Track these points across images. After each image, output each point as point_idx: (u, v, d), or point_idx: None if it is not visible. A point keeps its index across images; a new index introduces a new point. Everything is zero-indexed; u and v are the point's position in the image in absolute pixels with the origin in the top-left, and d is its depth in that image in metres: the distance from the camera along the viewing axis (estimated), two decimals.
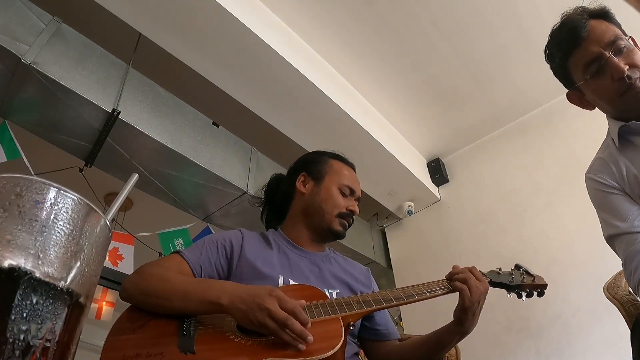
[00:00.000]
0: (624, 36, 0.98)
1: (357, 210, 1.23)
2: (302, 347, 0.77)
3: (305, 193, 1.23)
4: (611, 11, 1.01)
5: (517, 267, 1.12)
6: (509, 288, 1.06)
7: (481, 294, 0.96)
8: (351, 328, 0.90)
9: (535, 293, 1.07)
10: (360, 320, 1.12)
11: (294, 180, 1.27)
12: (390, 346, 1.12)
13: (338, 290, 1.11)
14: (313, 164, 1.28)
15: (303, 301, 0.84)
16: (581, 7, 1.03)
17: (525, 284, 1.06)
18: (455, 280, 0.98)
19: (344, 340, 0.81)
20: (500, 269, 1.10)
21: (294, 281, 1.08)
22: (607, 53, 0.95)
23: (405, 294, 0.97)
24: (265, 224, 1.36)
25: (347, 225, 1.21)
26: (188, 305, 0.87)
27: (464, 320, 0.97)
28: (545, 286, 1.07)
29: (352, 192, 1.23)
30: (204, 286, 0.90)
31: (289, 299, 0.81)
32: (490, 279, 1.04)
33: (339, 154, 1.34)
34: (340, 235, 1.21)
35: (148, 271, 0.96)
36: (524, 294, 1.07)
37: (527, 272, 1.09)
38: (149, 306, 0.90)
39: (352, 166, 1.32)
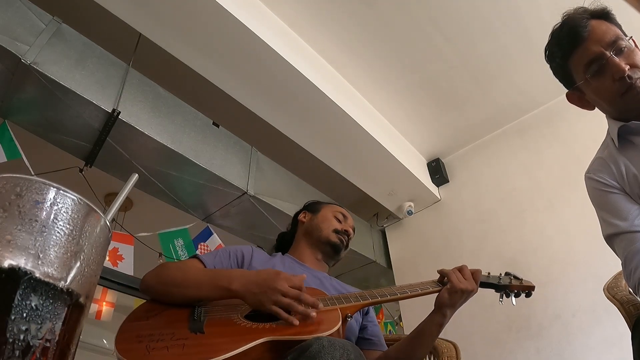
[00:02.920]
0: (624, 37, 0.98)
1: (351, 233, 1.41)
2: (314, 314, 0.88)
3: (305, 222, 1.44)
4: (612, 12, 1.02)
5: (507, 273, 1.19)
6: (498, 288, 1.14)
7: (467, 289, 1.04)
8: (348, 319, 0.98)
9: (523, 294, 1.14)
10: (357, 328, 1.22)
11: (297, 218, 1.49)
12: (377, 354, 1.21)
13: None
14: (311, 205, 1.52)
15: (304, 275, 0.96)
16: (582, 7, 1.03)
17: (512, 285, 1.13)
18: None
19: (340, 325, 0.90)
20: (489, 273, 1.18)
21: None
22: (608, 53, 0.95)
23: (399, 290, 1.07)
24: None
25: (344, 242, 1.38)
26: (201, 291, 0.97)
27: (447, 309, 1.05)
28: (532, 287, 1.14)
29: (345, 218, 1.43)
30: (215, 274, 1.02)
31: (293, 277, 0.93)
32: (480, 281, 1.12)
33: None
34: (337, 247, 1.36)
35: (167, 265, 1.11)
36: (512, 295, 1.13)
37: (515, 277, 1.17)
38: (166, 295, 1.00)
39: (345, 209, 1.52)
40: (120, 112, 1.92)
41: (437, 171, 3.21)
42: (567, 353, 2.16)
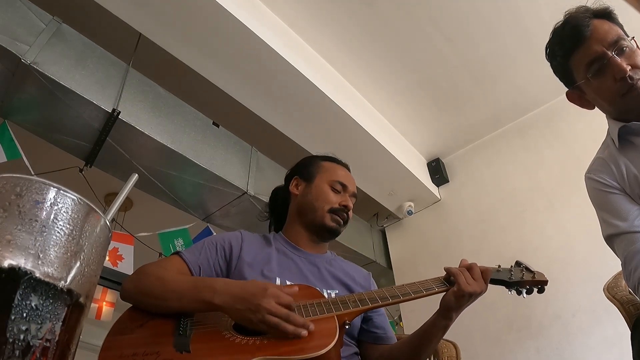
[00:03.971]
0: (626, 37, 0.98)
1: (350, 204, 1.23)
2: (305, 333, 0.81)
3: (297, 194, 1.26)
4: (614, 12, 1.01)
5: (518, 263, 1.11)
6: (509, 285, 1.05)
7: (475, 291, 0.94)
8: (347, 327, 0.89)
9: (536, 289, 1.06)
10: (359, 320, 1.13)
11: (289, 185, 1.30)
12: (383, 349, 1.12)
13: (337, 291, 1.12)
14: (304, 167, 1.31)
15: (296, 288, 0.90)
16: (584, 6, 1.03)
17: (524, 281, 1.04)
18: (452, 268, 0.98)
19: (337, 338, 0.82)
20: (499, 266, 1.09)
21: (291, 282, 1.08)
22: (609, 53, 0.95)
23: (402, 291, 0.97)
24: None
25: (341, 221, 1.21)
26: (183, 304, 0.89)
27: (453, 311, 0.97)
28: (545, 282, 1.06)
29: (344, 187, 1.24)
30: (197, 285, 0.92)
31: (283, 295, 0.84)
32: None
33: (331, 155, 1.36)
34: (334, 231, 1.20)
35: (146, 271, 0.98)
36: (523, 291, 1.05)
37: (527, 269, 1.08)
38: (147, 306, 0.92)
39: (345, 165, 1.34)
40: (120, 112, 1.92)
41: (437, 171, 3.21)
42: (567, 353, 2.16)
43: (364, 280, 1.23)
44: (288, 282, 1.08)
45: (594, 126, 1.36)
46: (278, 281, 1.07)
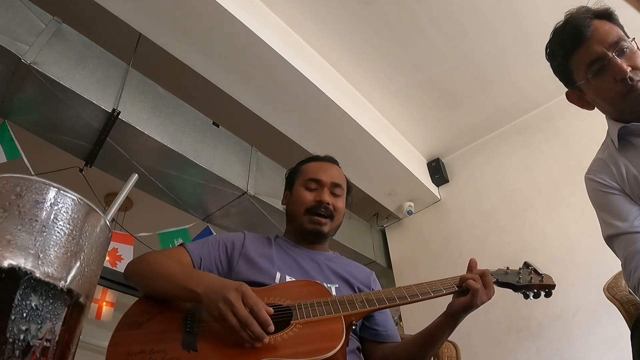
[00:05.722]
0: (627, 38, 0.98)
1: (325, 198, 1.18)
2: (259, 345, 0.79)
3: (286, 205, 1.30)
4: (615, 12, 1.02)
5: (526, 265, 1.10)
6: (516, 288, 1.04)
7: (484, 302, 0.95)
8: (353, 327, 0.89)
9: (543, 293, 1.05)
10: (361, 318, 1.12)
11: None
12: (387, 348, 1.11)
13: (337, 285, 1.13)
14: (289, 178, 1.34)
15: (271, 310, 0.82)
16: (585, 6, 1.03)
17: (532, 284, 1.03)
18: (468, 279, 0.96)
19: (344, 340, 0.81)
20: (508, 268, 1.08)
21: (291, 277, 1.09)
22: (610, 53, 0.96)
23: (409, 293, 0.95)
24: None
25: (319, 220, 1.18)
26: (170, 288, 0.91)
27: (460, 317, 0.98)
28: (553, 286, 1.05)
29: (317, 182, 1.22)
30: (188, 275, 0.94)
31: (252, 295, 0.81)
32: (497, 279, 1.02)
33: (313, 154, 1.38)
34: (316, 232, 1.19)
35: (149, 255, 1.05)
36: (531, 294, 1.04)
37: (536, 271, 1.07)
38: (140, 285, 0.97)
39: (324, 159, 1.33)
40: (120, 112, 1.92)
41: (437, 171, 3.21)
42: (567, 353, 2.16)
43: (365, 278, 1.23)
44: (288, 277, 1.08)
45: (593, 126, 1.36)
46: (278, 275, 1.08)
